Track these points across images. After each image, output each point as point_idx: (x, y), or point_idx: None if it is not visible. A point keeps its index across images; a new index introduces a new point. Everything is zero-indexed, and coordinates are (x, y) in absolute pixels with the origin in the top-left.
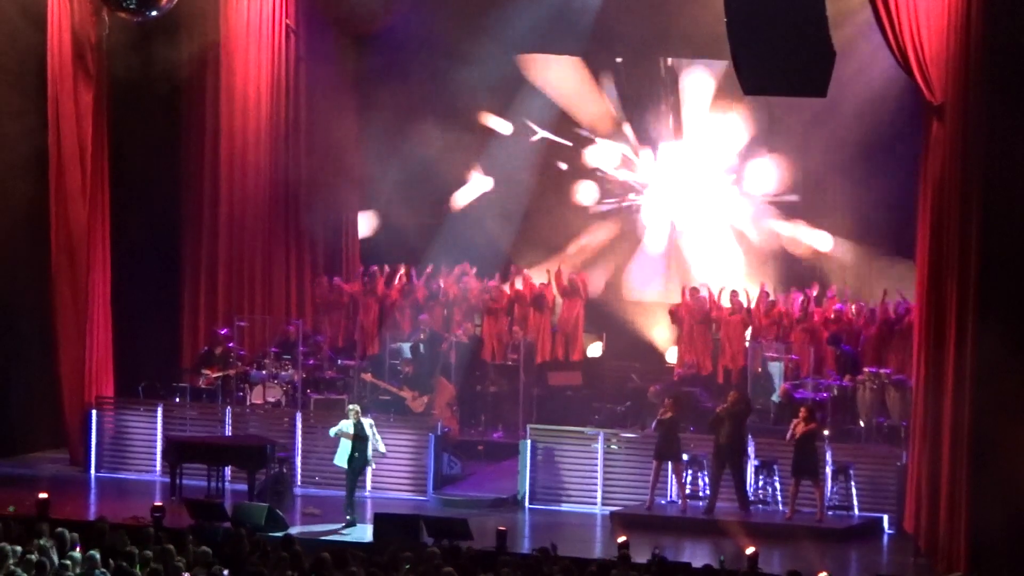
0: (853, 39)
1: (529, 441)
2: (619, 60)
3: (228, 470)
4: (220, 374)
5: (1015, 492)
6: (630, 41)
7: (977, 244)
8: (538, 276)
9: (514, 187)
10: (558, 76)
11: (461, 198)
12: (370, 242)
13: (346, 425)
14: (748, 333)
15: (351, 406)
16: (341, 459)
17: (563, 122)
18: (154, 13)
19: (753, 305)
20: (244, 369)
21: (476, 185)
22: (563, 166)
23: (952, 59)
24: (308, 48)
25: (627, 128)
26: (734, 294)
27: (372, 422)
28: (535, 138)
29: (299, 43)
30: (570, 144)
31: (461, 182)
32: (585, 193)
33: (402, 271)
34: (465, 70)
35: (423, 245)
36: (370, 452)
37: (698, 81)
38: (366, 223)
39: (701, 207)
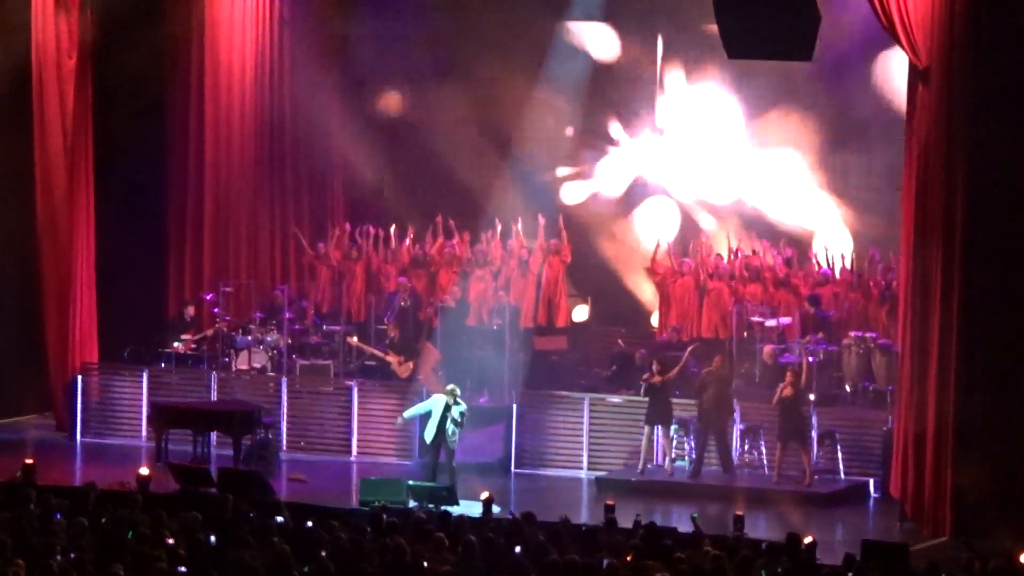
0: None
1: (515, 406)
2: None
3: (214, 435)
4: (198, 336)
5: (1000, 457)
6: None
7: (962, 208)
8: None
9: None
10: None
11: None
12: (356, 205)
13: (428, 405)
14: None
15: (450, 386)
16: (428, 434)
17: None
18: None
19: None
20: (221, 327)
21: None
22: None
23: (937, 22)
24: (292, 12)
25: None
26: (718, 257)
27: (464, 408)
28: None
29: (283, 6)
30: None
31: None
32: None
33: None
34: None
35: (410, 204)
36: (450, 434)
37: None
38: (353, 185)
39: (681, 172)
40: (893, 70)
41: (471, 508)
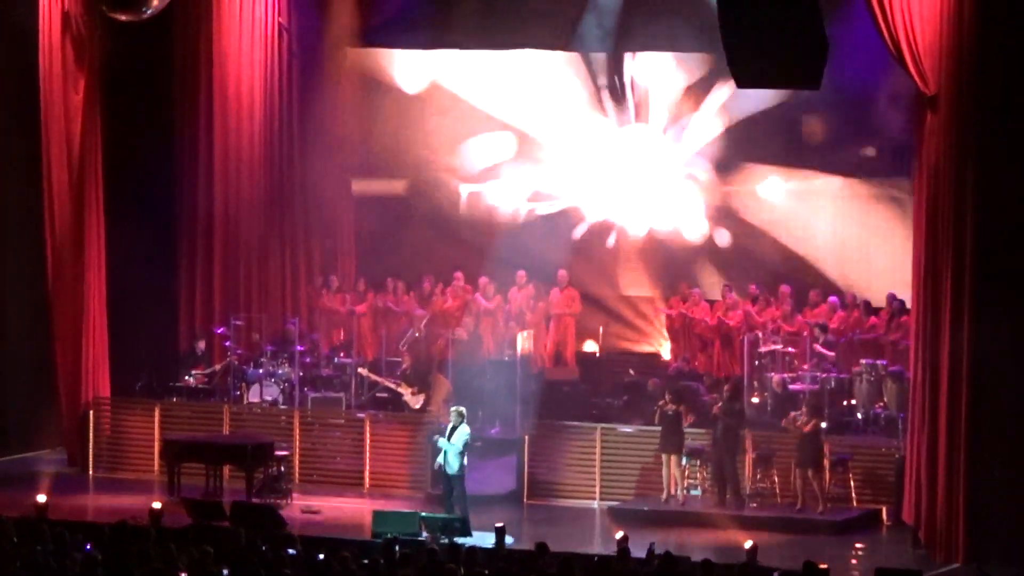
0: None
1: (527, 436)
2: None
3: (226, 469)
4: (208, 370)
5: (1013, 482)
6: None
7: (972, 234)
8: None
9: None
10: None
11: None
12: (365, 238)
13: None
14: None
15: (455, 408)
16: (440, 459)
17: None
18: (147, 12)
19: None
20: (233, 361)
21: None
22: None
23: (945, 49)
24: (301, 46)
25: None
26: (727, 289)
27: (466, 432)
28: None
29: (292, 41)
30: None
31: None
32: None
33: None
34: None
35: (417, 241)
36: (451, 458)
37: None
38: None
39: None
40: None
41: (484, 539)
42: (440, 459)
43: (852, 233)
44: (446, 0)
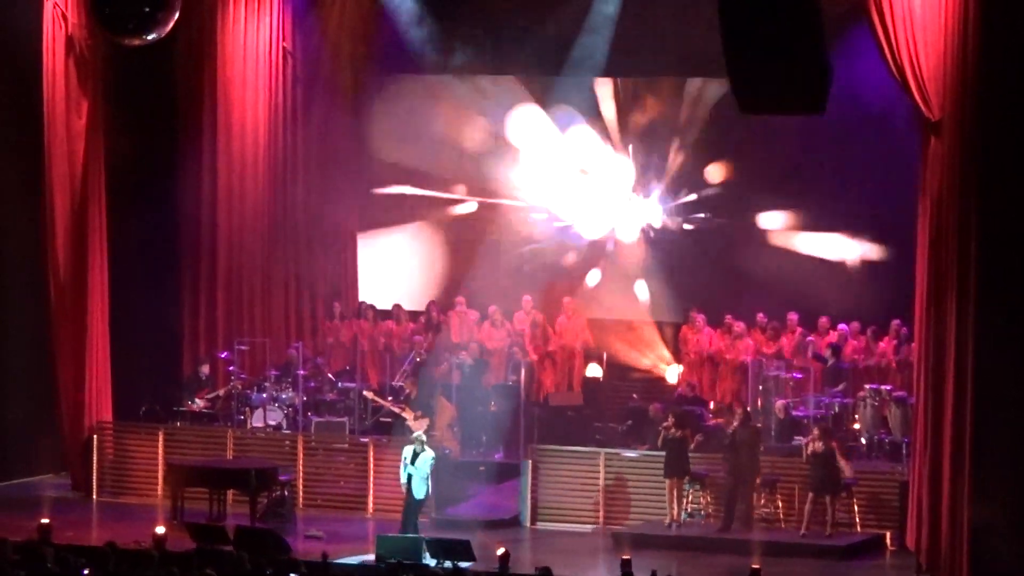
0: None
1: (530, 461)
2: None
3: (230, 494)
4: (211, 395)
5: (1017, 508)
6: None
7: (976, 260)
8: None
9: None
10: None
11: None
12: (369, 264)
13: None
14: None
15: (415, 434)
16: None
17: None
18: (151, 37)
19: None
20: (236, 385)
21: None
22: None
23: (949, 75)
24: (305, 71)
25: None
26: (731, 319)
27: (429, 456)
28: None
29: (296, 66)
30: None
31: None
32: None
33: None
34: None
35: (422, 266)
36: (417, 483)
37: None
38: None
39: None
40: None
41: (487, 564)
42: (404, 479)
43: None
44: (449, 26)
